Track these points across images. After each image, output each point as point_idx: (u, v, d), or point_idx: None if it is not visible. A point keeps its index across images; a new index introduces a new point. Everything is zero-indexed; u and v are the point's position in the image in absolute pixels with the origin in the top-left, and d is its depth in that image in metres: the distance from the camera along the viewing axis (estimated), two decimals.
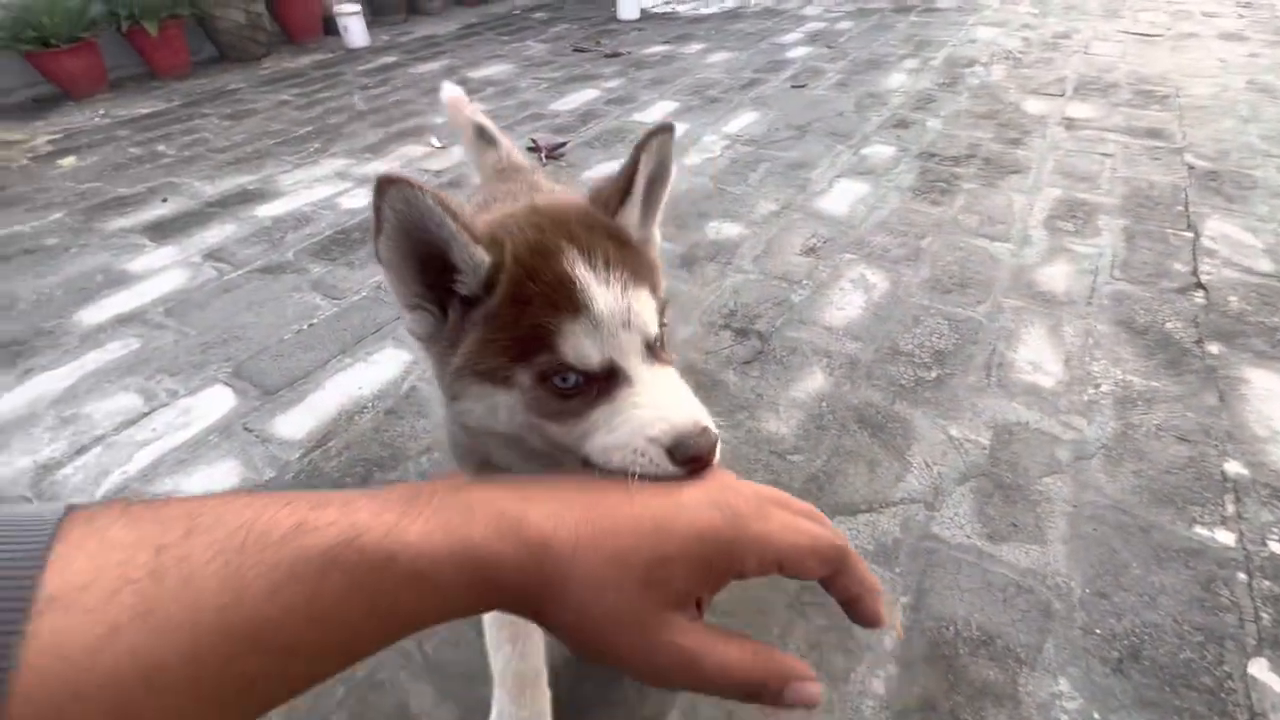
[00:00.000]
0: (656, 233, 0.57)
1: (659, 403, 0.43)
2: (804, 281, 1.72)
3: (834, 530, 0.37)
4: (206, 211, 2.25)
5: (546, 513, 0.32)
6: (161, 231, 2.13)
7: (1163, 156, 2.31)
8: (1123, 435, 1.23)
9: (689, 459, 0.39)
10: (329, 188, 2.37)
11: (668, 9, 5.16)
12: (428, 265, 0.45)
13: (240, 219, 2.19)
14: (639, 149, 0.50)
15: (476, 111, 1.20)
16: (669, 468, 0.39)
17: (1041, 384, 1.36)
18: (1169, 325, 1.51)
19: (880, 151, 2.46)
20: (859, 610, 0.38)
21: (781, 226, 1.99)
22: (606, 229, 0.49)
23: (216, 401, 1.40)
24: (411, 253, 0.45)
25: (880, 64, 3.49)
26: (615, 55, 3.89)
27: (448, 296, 0.47)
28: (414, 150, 2.68)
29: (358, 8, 4.29)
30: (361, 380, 1.45)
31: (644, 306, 0.46)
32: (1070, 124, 2.61)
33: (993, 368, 1.41)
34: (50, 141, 2.99)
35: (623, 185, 0.51)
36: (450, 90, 1.24)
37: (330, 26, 4.45)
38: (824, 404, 1.33)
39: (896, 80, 3.22)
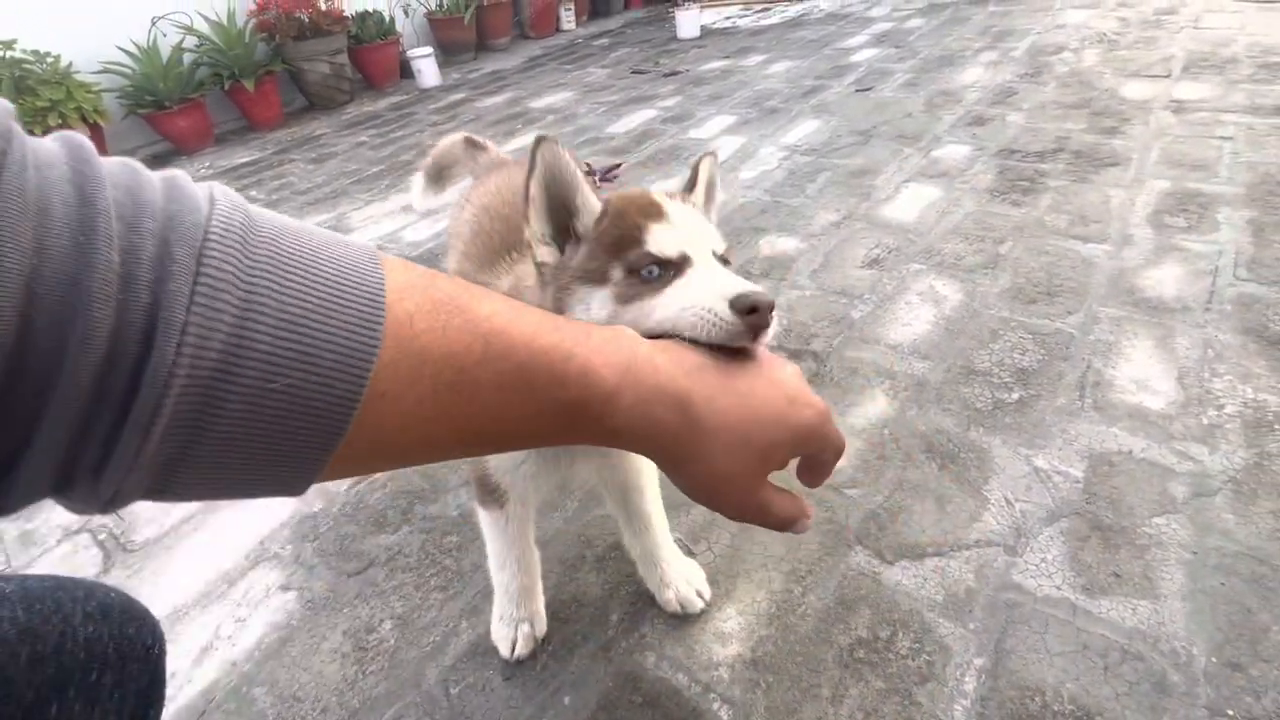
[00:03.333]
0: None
1: (721, 275, 0.52)
2: (866, 296, 1.60)
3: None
4: None
5: (706, 395, 0.41)
6: None
7: None
8: (1256, 466, 1.04)
9: (749, 308, 0.45)
10: (395, 222, 2.47)
11: (728, 24, 5.12)
12: (555, 212, 0.59)
13: None
14: (698, 162, 0.65)
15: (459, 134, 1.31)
16: (731, 318, 0.45)
17: (1149, 406, 1.17)
18: None
19: (953, 152, 2.28)
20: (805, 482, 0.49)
21: (842, 238, 1.87)
22: (679, 195, 0.63)
23: None
24: (548, 199, 0.58)
25: (953, 60, 3.28)
26: (673, 74, 3.88)
27: (565, 238, 0.60)
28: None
29: (429, 51, 4.52)
30: None
31: (712, 230, 0.59)
32: (1179, 107, 2.32)
33: (1087, 387, 1.23)
34: None
35: (690, 180, 0.65)
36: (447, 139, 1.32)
37: (406, 70, 4.72)
38: (886, 431, 1.21)
39: (972, 75, 3.01)
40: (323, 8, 4.15)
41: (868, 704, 0.82)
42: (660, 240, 0.55)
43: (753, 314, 0.45)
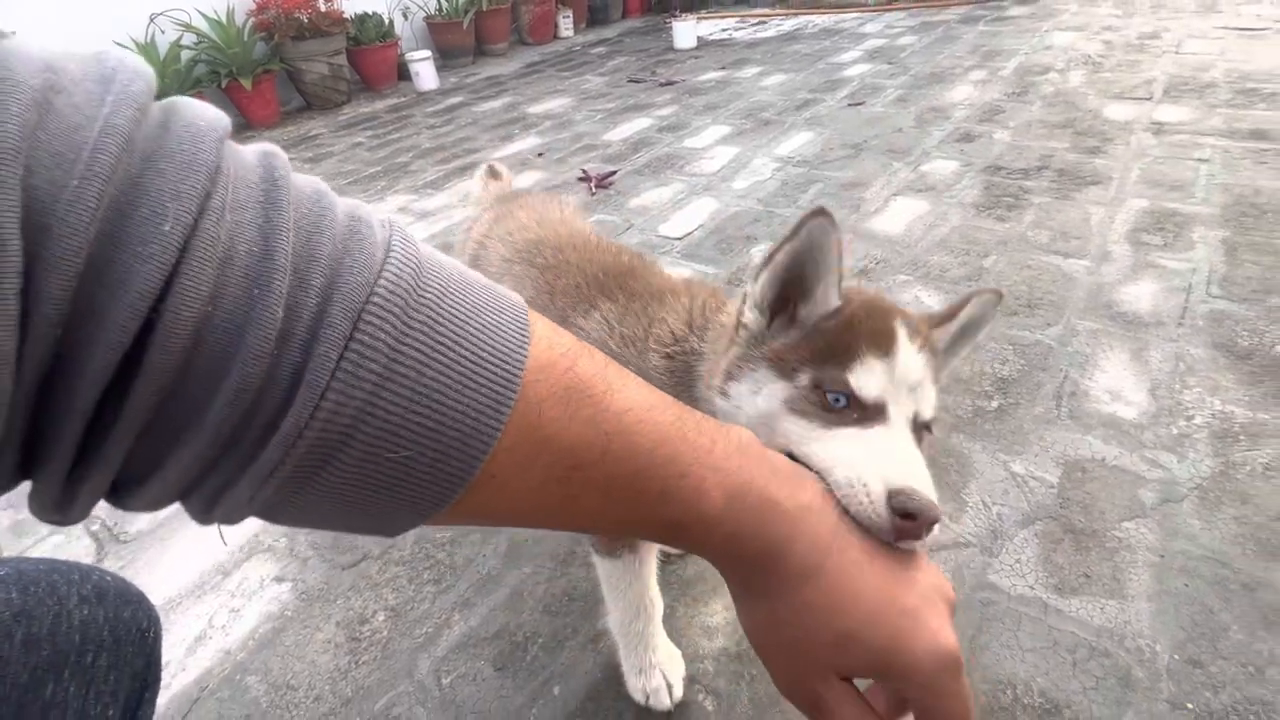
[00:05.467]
0: (943, 377, 0.62)
1: (902, 455, 0.46)
2: None
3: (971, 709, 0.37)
4: None
5: (808, 546, 0.36)
6: None
7: (1270, 159, 2.07)
8: (1222, 475, 1.08)
9: (905, 512, 0.39)
10: None
11: (724, 36, 5.19)
12: (788, 285, 0.55)
13: None
14: (969, 297, 0.58)
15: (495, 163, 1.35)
16: (881, 511, 0.40)
17: (1122, 415, 1.22)
18: (1279, 349, 1.32)
19: (941, 167, 2.34)
20: None
21: None
22: (924, 330, 0.55)
23: None
24: (790, 267, 0.54)
25: (944, 77, 3.35)
26: (669, 84, 3.93)
27: (778, 311, 0.57)
28: (470, 185, 2.78)
29: (428, 54, 4.56)
30: None
31: (930, 389, 0.52)
32: (1159, 129, 2.40)
33: (1064, 397, 1.28)
34: None
35: (949, 313, 0.59)
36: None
37: (404, 72, 4.75)
38: None
39: (961, 93, 3.08)
40: (322, 9, 4.17)
41: None
42: (868, 378, 0.49)
43: (907, 519, 0.39)
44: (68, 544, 1.23)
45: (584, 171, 2.66)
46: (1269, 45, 3.17)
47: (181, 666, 0.99)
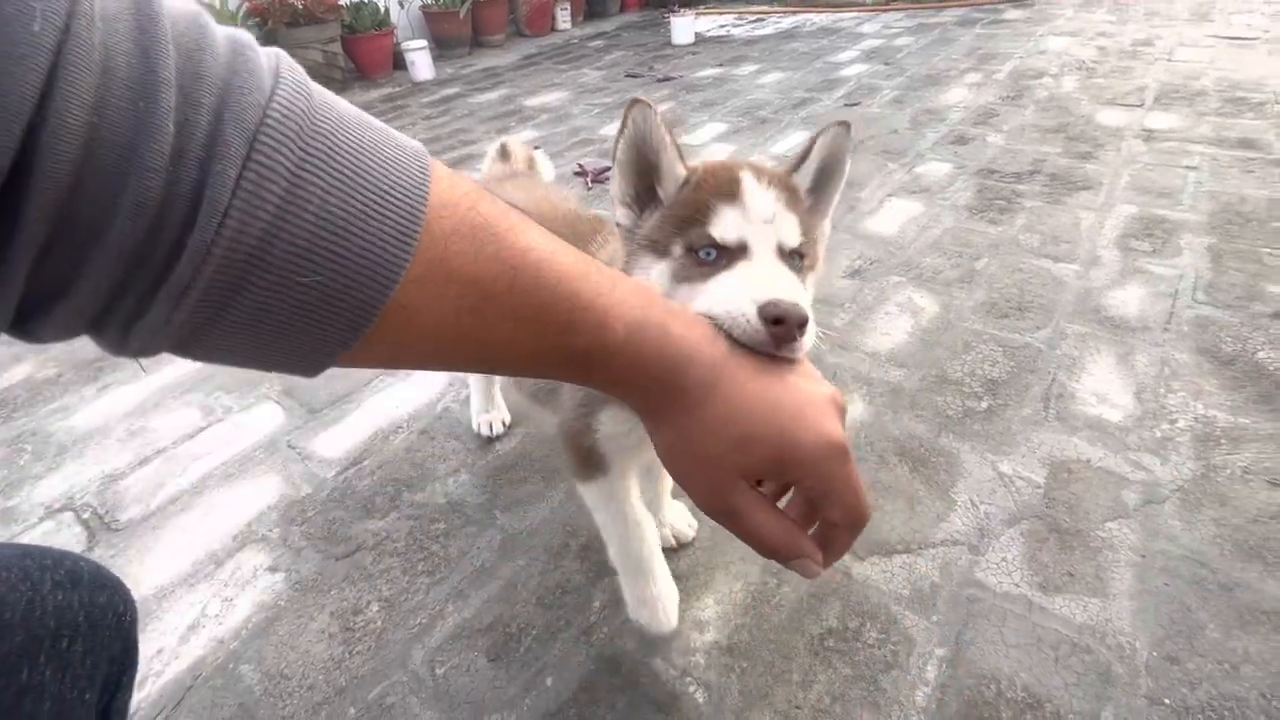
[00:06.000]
0: (827, 225, 0.67)
1: (766, 276, 0.51)
2: (847, 305, 1.66)
3: (866, 502, 0.42)
4: None
5: (707, 369, 0.40)
6: None
7: (1257, 168, 2.11)
8: (1203, 478, 1.11)
9: (774, 318, 0.43)
10: None
11: (722, 32, 5.19)
12: (641, 175, 0.60)
13: None
14: (817, 135, 0.61)
15: (512, 140, 1.32)
16: (756, 325, 0.44)
17: (1108, 418, 1.24)
18: (1261, 355, 1.35)
19: (936, 169, 2.36)
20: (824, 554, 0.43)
21: (826, 247, 1.92)
22: (778, 175, 0.59)
23: (266, 419, 1.47)
24: (635, 161, 0.59)
25: (940, 79, 3.37)
26: (667, 79, 3.93)
27: (647, 202, 0.61)
28: (484, 165, 2.77)
29: (424, 44, 4.52)
30: (400, 400, 1.48)
31: (788, 221, 0.56)
32: (1149, 136, 2.43)
33: (1051, 399, 1.30)
34: None
35: (799, 156, 0.61)
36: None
37: (399, 62, 4.71)
38: (862, 434, 1.27)
39: (956, 95, 3.10)
40: None
41: (835, 689, 0.87)
42: (724, 224, 0.54)
43: (778, 325, 0.43)
44: (58, 531, 1.22)
45: (580, 166, 2.65)
46: (1258, 55, 3.21)
47: (175, 655, 0.99)
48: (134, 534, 1.20)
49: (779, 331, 0.43)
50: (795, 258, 0.56)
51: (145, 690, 0.94)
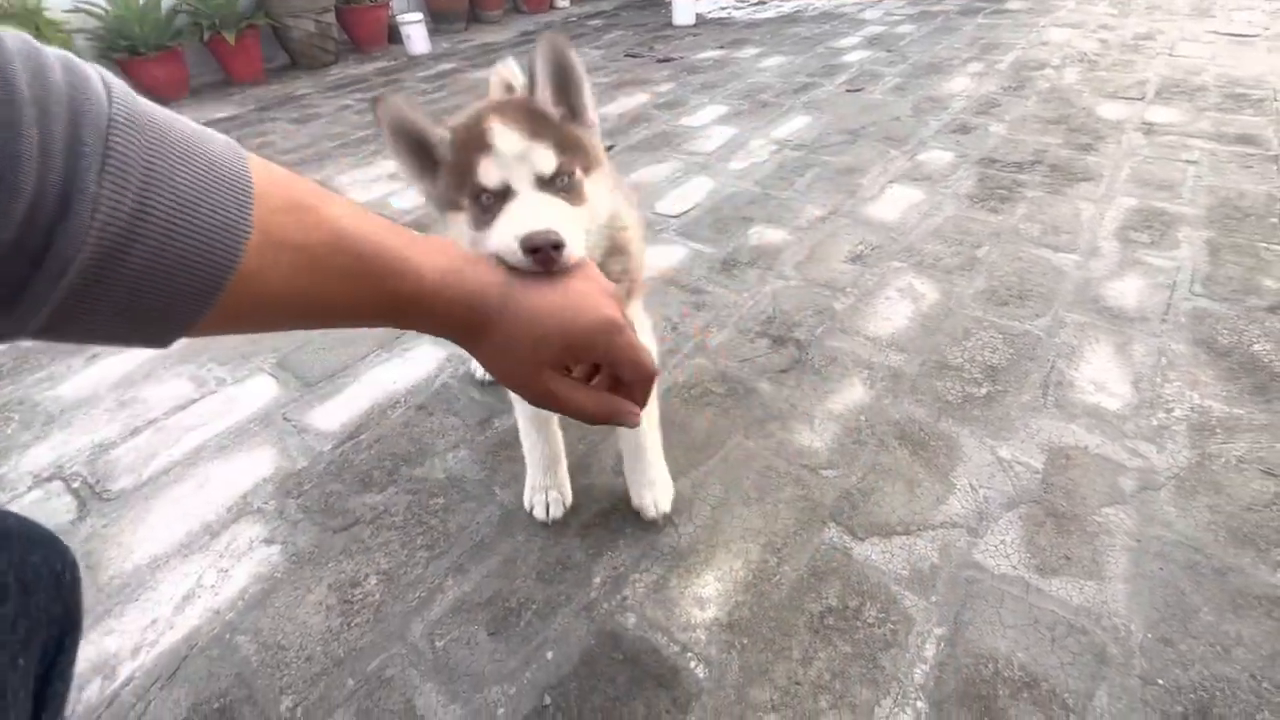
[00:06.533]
0: (592, 116, 0.71)
1: (525, 211, 0.59)
2: (848, 289, 1.65)
3: (648, 360, 0.53)
4: None
5: (499, 294, 0.49)
6: None
7: (1255, 164, 2.12)
8: (1198, 466, 1.12)
9: (531, 248, 0.52)
10: (382, 188, 2.44)
11: (723, 14, 5.12)
12: (416, 154, 0.66)
13: None
14: (534, 53, 0.66)
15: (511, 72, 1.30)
16: (520, 256, 0.52)
17: (1105, 406, 1.25)
18: (1256, 347, 1.37)
19: (937, 157, 2.35)
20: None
21: (827, 233, 1.92)
22: (524, 105, 0.66)
23: (259, 391, 1.45)
24: (405, 145, 0.65)
25: (942, 67, 3.35)
26: (667, 60, 3.88)
27: (435, 170, 0.67)
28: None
29: (420, 17, 4.43)
30: (396, 375, 1.47)
31: (539, 152, 0.62)
32: (1150, 129, 2.43)
33: (1050, 386, 1.31)
34: None
35: (530, 77, 0.67)
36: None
37: (394, 35, 4.62)
38: (862, 418, 1.27)
39: (959, 84, 3.09)
40: None
41: (835, 666, 0.88)
42: (485, 172, 0.62)
43: (535, 252, 0.51)
44: (47, 501, 1.20)
45: None
46: (1258, 52, 3.22)
47: (169, 624, 0.98)
48: (126, 504, 1.18)
49: (539, 257, 0.51)
50: (560, 178, 0.63)
51: (140, 659, 0.93)
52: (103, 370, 1.55)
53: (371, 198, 2.37)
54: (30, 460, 1.29)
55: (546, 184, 0.63)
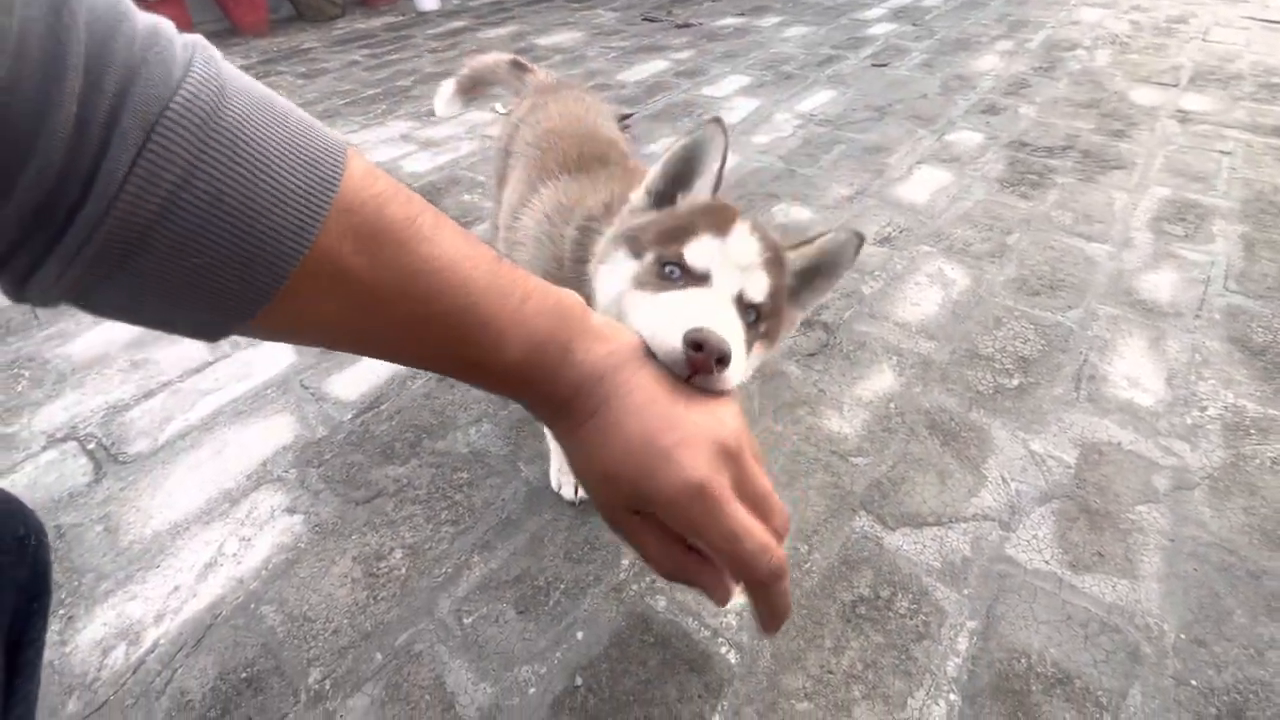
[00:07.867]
0: (798, 315, 0.69)
1: (712, 307, 0.52)
2: (877, 273, 1.62)
3: (747, 537, 0.37)
4: None
5: (595, 390, 0.39)
6: None
7: None
8: (1232, 466, 1.11)
9: (693, 343, 0.41)
10: (394, 149, 2.37)
11: None
12: (677, 180, 0.65)
13: None
14: (828, 231, 0.64)
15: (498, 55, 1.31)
16: (678, 344, 0.41)
17: (1139, 402, 1.24)
18: None
19: (966, 138, 2.29)
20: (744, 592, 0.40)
21: (854, 213, 1.88)
22: (773, 237, 0.61)
23: (276, 356, 1.42)
24: (680, 163, 0.64)
25: (970, 44, 3.26)
26: (686, 26, 3.76)
27: (662, 202, 0.65)
28: (479, 116, 2.65)
29: None
30: None
31: (760, 276, 0.57)
32: (1184, 117, 2.37)
33: (1083, 380, 1.29)
34: None
35: (807, 239, 0.64)
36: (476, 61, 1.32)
37: None
38: (892, 405, 1.25)
39: (988, 62, 3.00)
40: None
41: (867, 656, 0.87)
42: (698, 250, 0.56)
43: (696, 350, 0.41)
44: (61, 462, 1.18)
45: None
46: None
47: (192, 592, 0.97)
48: (143, 468, 1.16)
49: (696, 358, 0.41)
50: (752, 312, 0.57)
51: (164, 626, 0.92)
52: (114, 329, 1.51)
53: (382, 159, 2.30)
54: (43, 419, 1.27)
55: (737, 303, 0.56)
